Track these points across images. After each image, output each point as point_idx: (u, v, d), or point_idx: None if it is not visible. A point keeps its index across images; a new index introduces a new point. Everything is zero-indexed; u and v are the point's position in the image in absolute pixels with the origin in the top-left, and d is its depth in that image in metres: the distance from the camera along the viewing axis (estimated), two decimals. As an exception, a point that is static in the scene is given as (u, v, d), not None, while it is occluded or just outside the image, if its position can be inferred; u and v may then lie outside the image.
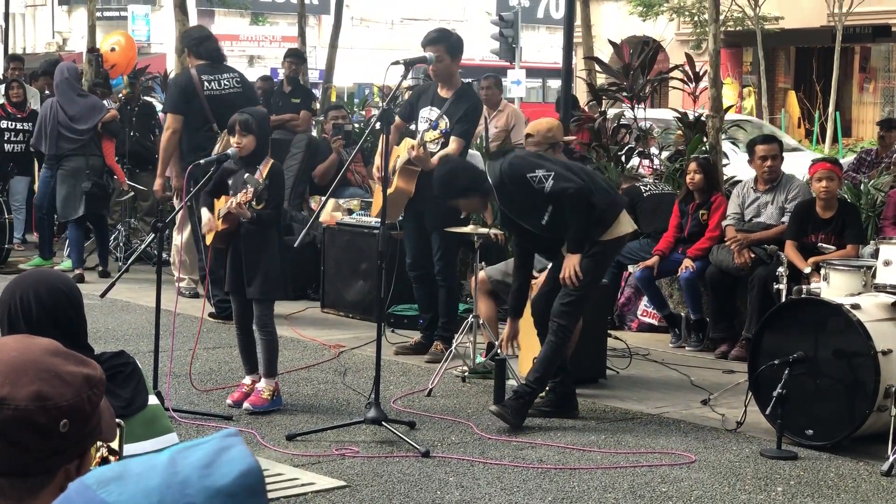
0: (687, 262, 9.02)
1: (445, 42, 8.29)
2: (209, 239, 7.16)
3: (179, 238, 10.53)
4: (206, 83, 9.64)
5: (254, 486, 1.58)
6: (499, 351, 7.40)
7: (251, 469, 1.58)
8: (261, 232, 6.86)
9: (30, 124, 13.24)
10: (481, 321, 7.71)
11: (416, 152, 8.01)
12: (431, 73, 8.46)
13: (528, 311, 7.27)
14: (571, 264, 6.76)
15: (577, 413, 7.01)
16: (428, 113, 8.36)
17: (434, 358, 8.18)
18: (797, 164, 12.44)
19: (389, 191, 7.97)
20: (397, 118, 8.52)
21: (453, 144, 8.15)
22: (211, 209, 7.00)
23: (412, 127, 8.51)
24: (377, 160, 8.20)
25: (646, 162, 11.74)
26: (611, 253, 7.09)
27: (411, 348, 8.60)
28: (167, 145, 9.73)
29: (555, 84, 35.73)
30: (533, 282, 7.36)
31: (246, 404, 6.88)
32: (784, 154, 9.38)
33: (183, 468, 1.57)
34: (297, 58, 13.79)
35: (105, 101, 12.53)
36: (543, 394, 7.09)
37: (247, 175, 6.76)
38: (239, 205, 6.70)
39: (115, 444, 2.49)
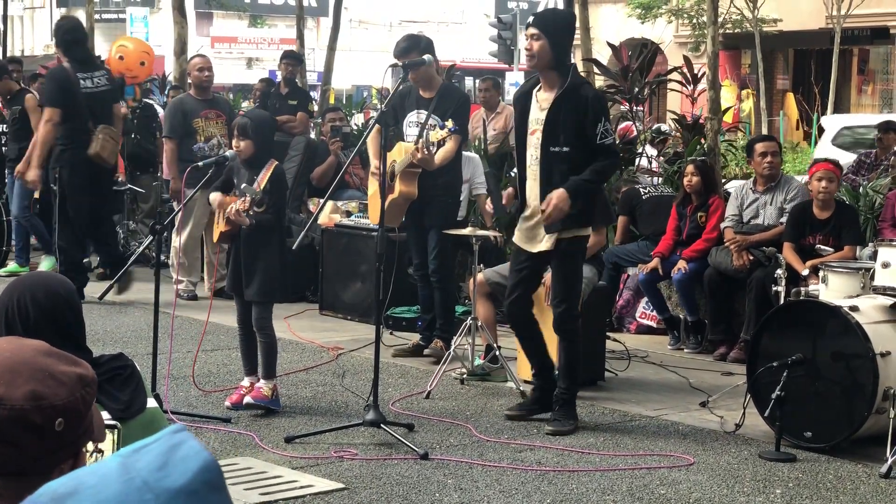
0: (680, 264, 9.02)
1: (416, 49, 8.22)
2: (215, 237, 7.21)
3: (178, 240, 10.58)
4: (81, 80, 10.08)
5: (213, 480, 1.54)
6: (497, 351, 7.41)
7: (208, 464, 1.54)
8: (261, 234, 6.86)
9: None
10: (480, 323, 7.71)
11: (420, 154, 7.95)
12: (412, 79, 8.42)
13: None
14: (558, 198, 6.53)
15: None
16: (415, 117, 8.33)
17: (434, 354, 8.19)
18: None
19: (392, 196, 7.94)
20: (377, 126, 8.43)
21: (450, 143, 8.13)
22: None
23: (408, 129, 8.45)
24: (374, 161, 8.18)
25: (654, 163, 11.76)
26: (584, 251, 7.03)
27: (409, 351, 8.60)
28: (48, 137, 10.11)
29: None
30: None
31: (248, 398, 6.88)
32: None
33: (138, 473, 1.52)
34: (293, 59, 13.78)
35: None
36: (529, 393, 7.10)
37: (244, 185, 6.79)
38: (237, 212, 6.72)
39: (110, 449, 2.48)
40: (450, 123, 7.93)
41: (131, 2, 44.15)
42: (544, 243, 6.76)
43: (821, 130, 19.53)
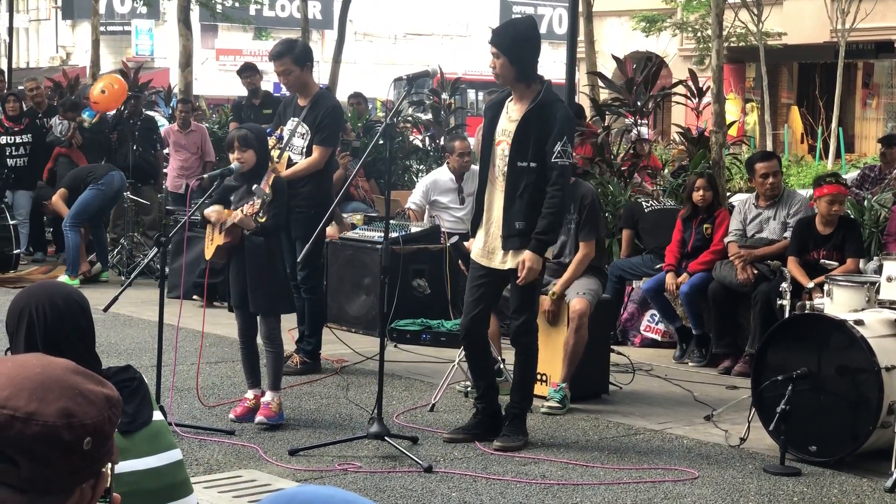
0: (683, 277, 9.01)
1: (289, 54, 8.16)
2: (209, 254, 7.09)
3: None
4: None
5: None
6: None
7: None
8: (265, 246, 6.86)
9: (29, 136, 13.39)
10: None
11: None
12: (283, 84, 8.35)
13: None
14: (530, 260, 6.47)
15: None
16: (291, 125, 8.24)
17: (287, 371, 7.88)
18: None
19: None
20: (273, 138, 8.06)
21: (315, 154, 7.91)
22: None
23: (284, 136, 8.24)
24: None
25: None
26: (543, 267, 6.81)
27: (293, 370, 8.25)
28: None
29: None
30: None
31: (260, 417, 6.85)
32: None
33: None
34: (249, 71, 13.68)
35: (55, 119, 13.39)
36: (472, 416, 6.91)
37: (255, 186, 6.77)
38: (245, 216, 6.71)
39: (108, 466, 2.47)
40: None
41: (136, 14, 44.22)
42: (510, 262, 6.59)
43: (825, 145, 19.52)
